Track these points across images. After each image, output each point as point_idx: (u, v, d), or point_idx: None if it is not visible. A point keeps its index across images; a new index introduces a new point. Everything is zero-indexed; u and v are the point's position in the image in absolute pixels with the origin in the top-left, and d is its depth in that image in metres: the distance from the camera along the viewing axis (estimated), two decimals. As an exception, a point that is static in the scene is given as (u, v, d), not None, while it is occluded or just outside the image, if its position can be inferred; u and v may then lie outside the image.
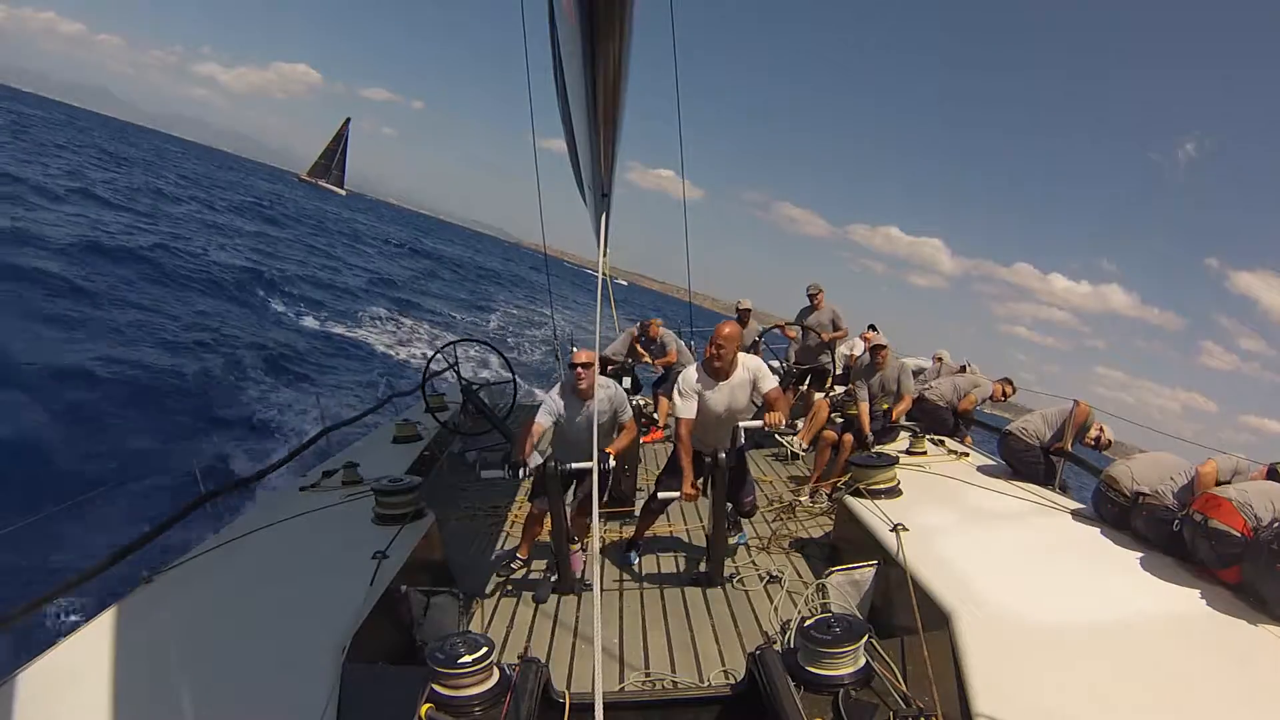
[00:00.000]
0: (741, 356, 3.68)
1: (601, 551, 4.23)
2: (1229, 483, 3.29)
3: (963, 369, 6.73)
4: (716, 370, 3.64)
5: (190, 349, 10.97)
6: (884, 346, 5.69)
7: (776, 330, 7.71)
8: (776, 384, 3.73)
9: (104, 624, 2.58)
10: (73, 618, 4.27)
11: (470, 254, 60.66)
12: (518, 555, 3.91)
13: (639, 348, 7.08)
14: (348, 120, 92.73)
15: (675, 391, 3.70)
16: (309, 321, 16.34)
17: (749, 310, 7.54)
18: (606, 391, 3.72)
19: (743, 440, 3.78)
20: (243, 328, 13.36)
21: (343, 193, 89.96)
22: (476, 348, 13.64)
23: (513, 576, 3.90)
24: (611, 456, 3.58)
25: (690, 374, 3.69)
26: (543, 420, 3.68)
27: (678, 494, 3.67)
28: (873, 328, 7.86)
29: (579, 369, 3.62)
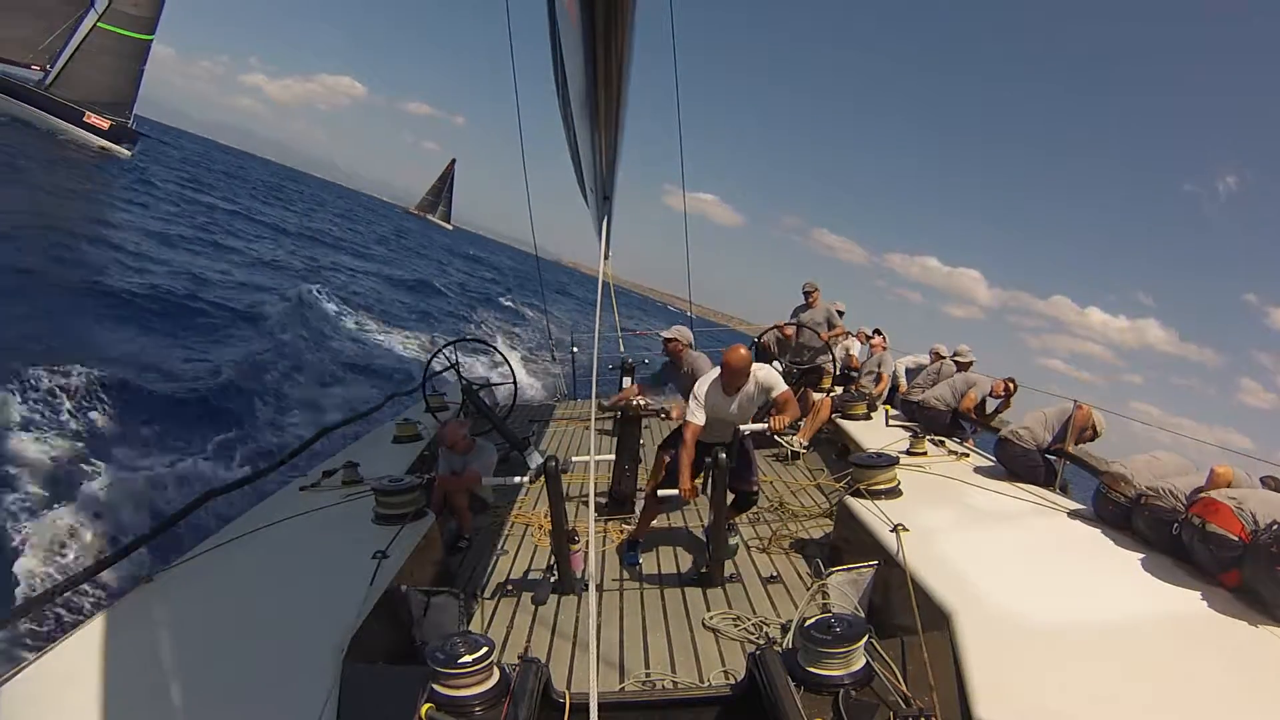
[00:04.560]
0: (754, 368, 3.80)
1: (601, 551, 4.24)
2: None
3: (961, 367, 6.62)
4: (727, 387, 3.78)
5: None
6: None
7: (775, 330, 7.69)
8: (787, 389, 3.88)
9: (104, 624, 2.57)
10: (73, 618, 4.27)
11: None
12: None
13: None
14: (453, 161, 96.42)
15: (691, 399, 3.83)
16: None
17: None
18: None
19: (745, 433, 3.89)
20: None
21: (449, 227, 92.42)
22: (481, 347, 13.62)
23: (512, 576, 3.90)
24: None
25: (703, 388, 3.79)
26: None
27: (676, 491, 3.76)
28: (878, 332, 7.82)
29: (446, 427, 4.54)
